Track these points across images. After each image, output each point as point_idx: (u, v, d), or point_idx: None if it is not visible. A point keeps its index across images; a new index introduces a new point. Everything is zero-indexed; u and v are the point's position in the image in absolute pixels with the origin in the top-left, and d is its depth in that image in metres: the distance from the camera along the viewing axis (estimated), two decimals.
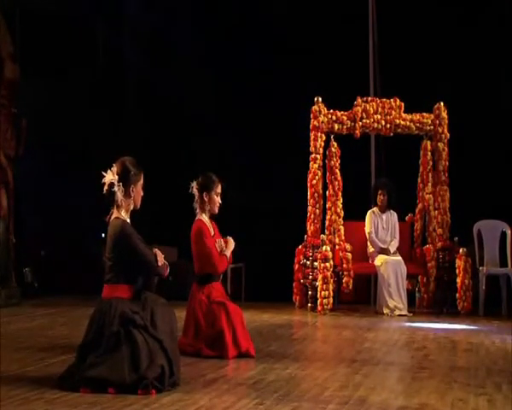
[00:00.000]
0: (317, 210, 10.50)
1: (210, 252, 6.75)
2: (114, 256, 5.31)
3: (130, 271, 5.35)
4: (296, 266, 10.50)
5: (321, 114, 10.46)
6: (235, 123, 11.65)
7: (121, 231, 5.28)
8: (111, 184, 5.29)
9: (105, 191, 5.32)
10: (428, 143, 10.74)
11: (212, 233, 6.91)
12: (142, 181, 5.42)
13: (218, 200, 6.89)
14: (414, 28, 11.13)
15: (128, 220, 5.39)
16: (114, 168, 5.32)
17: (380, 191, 10.44)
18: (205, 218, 6.89)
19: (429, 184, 10.66)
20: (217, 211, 6.94)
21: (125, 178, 5.31)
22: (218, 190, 6.89)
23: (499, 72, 10.94)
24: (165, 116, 11.98)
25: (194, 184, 6.89)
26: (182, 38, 11.92)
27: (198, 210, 6.92)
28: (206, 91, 11.68)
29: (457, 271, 10.12)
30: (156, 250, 5.44)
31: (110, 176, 5.30)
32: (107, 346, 5.15)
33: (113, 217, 5.36)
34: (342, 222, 10.45)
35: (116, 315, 5.20)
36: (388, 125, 10.57)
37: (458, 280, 10.08)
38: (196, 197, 6.90)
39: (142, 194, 5.44)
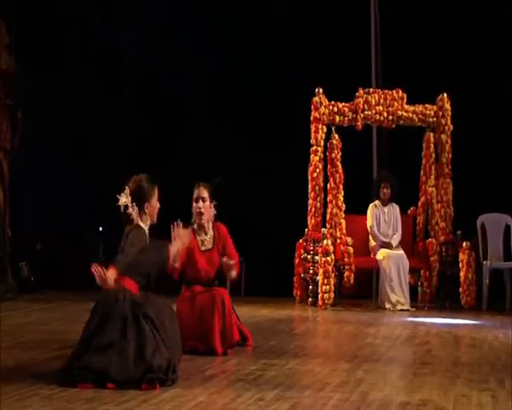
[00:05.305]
0: (318, 203, 10.43)
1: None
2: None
3: (138, 267, 5.36)
4: (297, 261, 10.45)
5: (322, 105, 10.37)
6: (236, 115, 11.56)
7: (136, 228, 5.37)
8: (125, 207, 5.42)
9: (121, 211, 5.46)
10: (431, 135, 10.68)
11: (202, 246, 6.71)
12: (156, 195, 5.53)
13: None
14: (416, 18, 11.07)
15: (147, 232, 5.49)
16: (127, 190, 5.44)
17: (383, 184, 10.37)
18: (194, 228, 6.74)
19: (432, 176, 10.62)
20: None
21: (138, 198, 5.44)
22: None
23: (503, 62, 10.84)
24: (164, 110, 11.88)
25: None
26: (180, 32, 11.83)
27: None
28: (206, 84, 11.59)
29: (460, 265, 10.08)
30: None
31: (124, 198, 5.43)
32: (112, 329, 5.11)
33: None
34: (343, 215, 10.38)
35: (127, 301, 5.21)
36: (390, 117, 10.50)
37: (461, 274, 10.04)
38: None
39: (158, 206, 5.56)
